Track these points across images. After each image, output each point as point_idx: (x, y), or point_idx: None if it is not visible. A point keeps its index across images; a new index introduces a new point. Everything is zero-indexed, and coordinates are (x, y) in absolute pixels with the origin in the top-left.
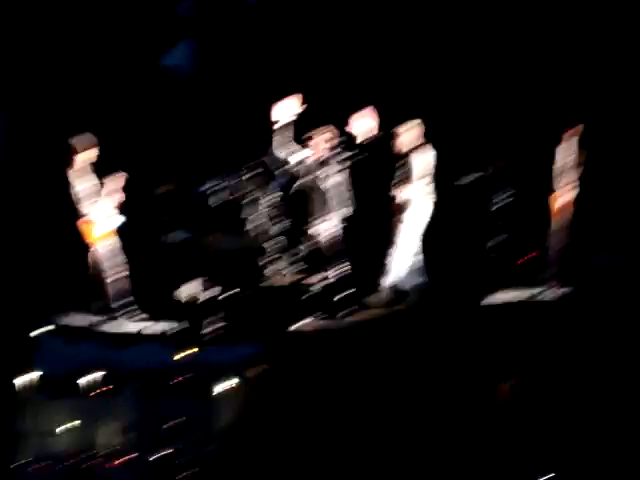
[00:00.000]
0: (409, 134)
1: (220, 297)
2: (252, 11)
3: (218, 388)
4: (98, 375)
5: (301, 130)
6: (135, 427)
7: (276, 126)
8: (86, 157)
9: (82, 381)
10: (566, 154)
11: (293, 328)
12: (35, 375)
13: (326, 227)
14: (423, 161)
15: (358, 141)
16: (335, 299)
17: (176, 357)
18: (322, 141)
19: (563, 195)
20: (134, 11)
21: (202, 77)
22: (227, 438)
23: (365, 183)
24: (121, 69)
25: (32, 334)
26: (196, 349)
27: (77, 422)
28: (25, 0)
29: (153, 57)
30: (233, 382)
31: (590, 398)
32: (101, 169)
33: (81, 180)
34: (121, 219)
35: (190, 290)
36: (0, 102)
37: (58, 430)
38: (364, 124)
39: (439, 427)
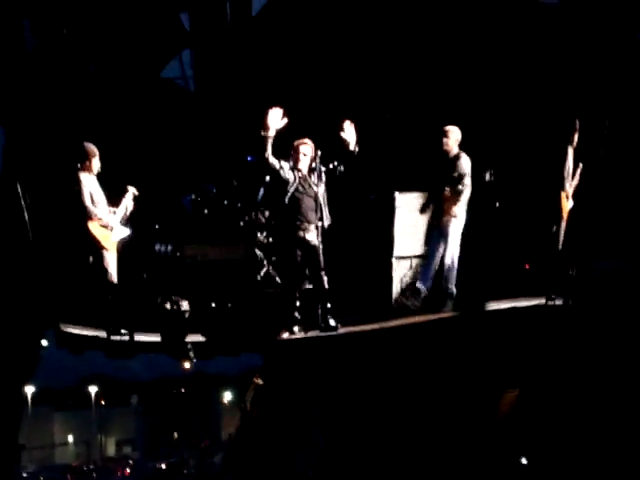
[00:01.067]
0: (455, 137)
1: (219, 306)
2: (254, 23)
3: (222, 398)
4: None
5: (287, 141)
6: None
7: (265, 135)
8: (97, 163)
9: (87, 392)
10: (573, 157)
11: (295, 336)
12: (38, 386)
13: (317, 234)
14: (467, 164)
15: (342, 151)
16: (323, 307)
17: (180, 367)
18: (308, 151)
19: (570, 197)
20: (136, 22)
21: (202, 88)
22: (233, 447)
23: (351, 191)
24: (123, 79)
25: (36, 345)
26: (198, 359)
27: (82, 433)
28: (28, 11)
29: (154, 68)
30: (237, 392)
31: (594, 403)
32: (103, 179)
33: (94, 185)
34: (127, 231)
35: (186, 301)
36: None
37: (62, 441)
38: (347, 135)
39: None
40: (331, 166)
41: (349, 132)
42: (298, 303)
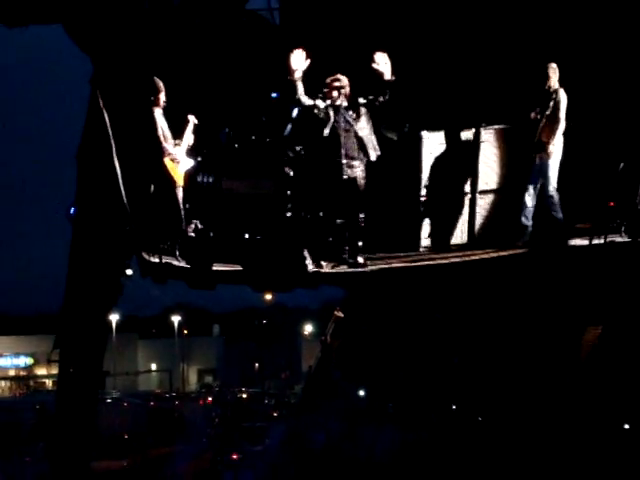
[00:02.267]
0: (556, 73)
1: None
2: None
3: (303, 330)
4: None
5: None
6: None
7: (293, 79)
8: (164, 97)
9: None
10: None
11: (323, 270)
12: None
13: (361, 169)
14: (565, 99)
15: (379, 82)
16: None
17: (261, 299)
18: (341, 87)
19: None
20: None
21: (287, 21)
22: (313, 379)
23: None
24: (207, 9)
25: (120, 273)
26: (279, 292)
27: (164, 361)
28: None
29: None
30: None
31: None
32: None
33: (163, 120)
34: (191, 162)
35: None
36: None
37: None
38: (380, 66)
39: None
40: (370, 97)
41: (382, 62)
42: (330, 238)
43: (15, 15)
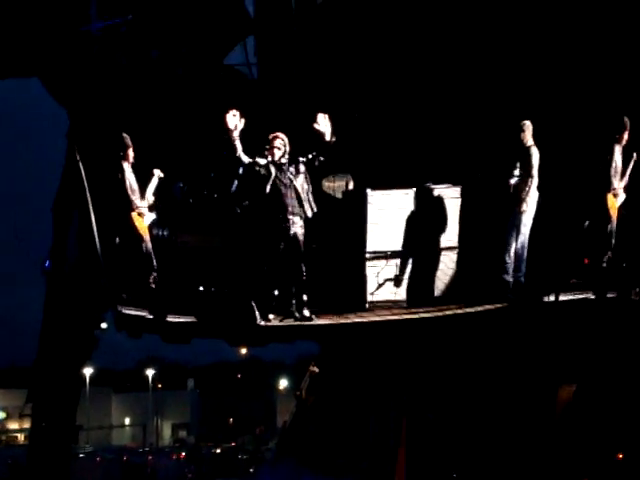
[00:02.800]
0: (529, 131)
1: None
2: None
3: (278, 384)
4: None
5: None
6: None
7: (230, 137)
8: (132, 152)
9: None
10: (620, 156)
11: (270, 324)
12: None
13: (300, 225)
14: (537, 157)
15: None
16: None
17: (236, 353)
18: (281, 144)
19: (622, 194)
20: (201, 7)
21: (265, 75)
22: (288, 434)
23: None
24: (186, 64)
25: (94, 327)
26: (254, 345)
27: (138, 415)
28: None
29: (218, 54)
30: (293, 379)
31: None
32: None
33: (131, 174)
34: (153, 216)
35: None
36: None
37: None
38: (321, 127)
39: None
40: (310, 156)
41: (323, 123)
42: (276, 292)
43: None
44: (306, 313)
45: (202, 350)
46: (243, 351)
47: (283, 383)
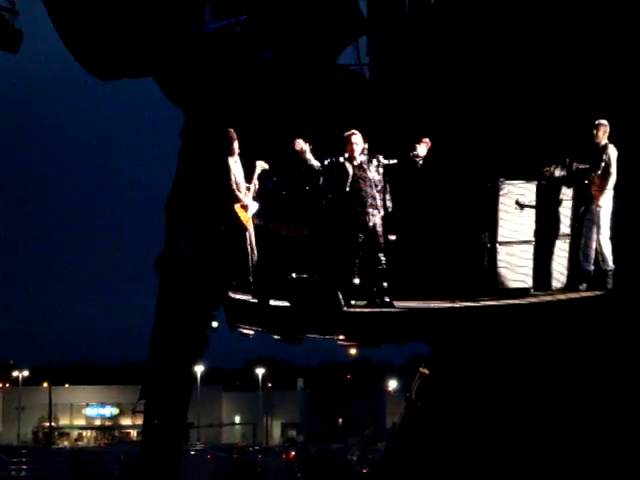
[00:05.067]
0: (604, 129)
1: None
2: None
3: (387, 386)
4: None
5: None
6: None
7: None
8: (237, 145)
9: (254, 374)
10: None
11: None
12: (208, 367)
13: (379, 217)
14: (614, 154)
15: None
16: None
17: (346, 354)
18: (359, 140)
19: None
20: (315, 8)
21: (377, 76)
22: (397, 436)
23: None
24: (299, 64)
25: (205, 325)
26: (365, 347)
27: (248, 414)
28: None
29: (331, 54)
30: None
31: None
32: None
33: (237, 167)
34: (257, 205)
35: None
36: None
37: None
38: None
39: None
40: (391, 162)
41: (422, 150)
42: (357, 280)
43: (108, 68)
44: (387, 299)
45: (312, 350)
46: (353, 351)
47: (392, 384)
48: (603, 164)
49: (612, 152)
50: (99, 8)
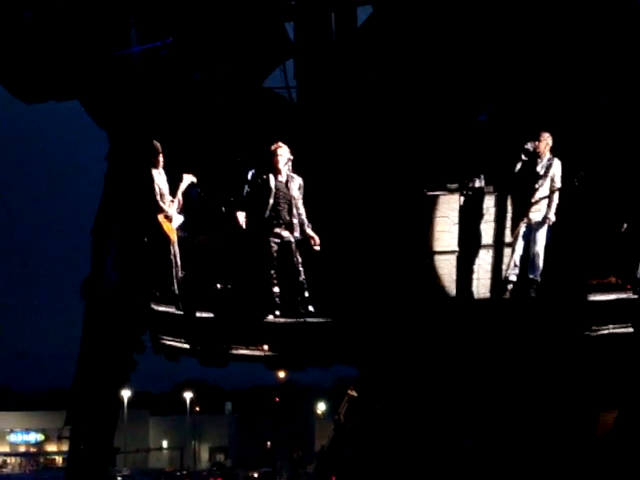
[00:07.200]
0: (548, 142)
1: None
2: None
3: (315, 408)
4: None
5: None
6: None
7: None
8: (161, 158)
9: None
10: None
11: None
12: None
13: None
14: (558, 168)
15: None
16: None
17: (274, 377)
18: (285, 153)
19: None
20: (242, 31)
21: (304, 99)
22: (326, 459)
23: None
24: (226, 87)
25: (132, 350)
26: (292, 369)
27: (176, 438)
28: (134, 18)
29: (257, 77)
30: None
31: None
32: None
33: (161, 179)
34: (181, 218)
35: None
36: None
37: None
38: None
39: None
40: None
41: None
42: (277, 290)
43: (33, 91)
44: (310, 308)
45: (240, 374)
46: (281, 375)
47: (321, 407)
48: (546, 175)
49: (556, 164)
50: (19, 30)
